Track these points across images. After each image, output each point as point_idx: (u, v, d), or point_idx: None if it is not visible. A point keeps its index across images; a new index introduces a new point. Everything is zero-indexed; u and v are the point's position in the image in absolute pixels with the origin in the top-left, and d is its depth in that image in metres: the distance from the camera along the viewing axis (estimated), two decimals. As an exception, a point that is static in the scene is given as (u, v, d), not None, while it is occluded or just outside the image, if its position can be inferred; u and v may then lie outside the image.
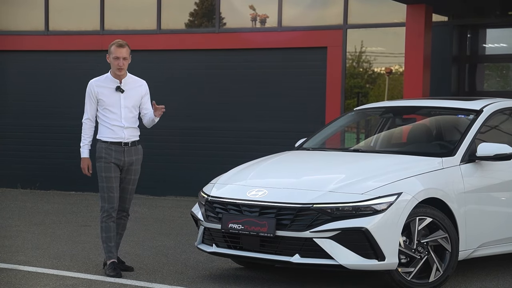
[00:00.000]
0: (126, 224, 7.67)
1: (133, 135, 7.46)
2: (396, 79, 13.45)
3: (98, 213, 11.85)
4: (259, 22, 14.23)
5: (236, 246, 6.95)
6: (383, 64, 13.59)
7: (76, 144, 14.78)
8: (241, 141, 13.86)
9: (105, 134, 7.43)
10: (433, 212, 6.81)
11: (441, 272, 6.84)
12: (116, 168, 7.41)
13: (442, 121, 8.11)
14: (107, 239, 7.40)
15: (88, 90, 7.48)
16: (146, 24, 14.78)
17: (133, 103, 7.42)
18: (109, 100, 7.38)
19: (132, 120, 7.44)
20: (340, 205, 6.55)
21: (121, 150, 7.39)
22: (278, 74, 13.75)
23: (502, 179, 7.45)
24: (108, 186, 7.37)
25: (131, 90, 7.43)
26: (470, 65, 13.07)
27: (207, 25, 14.56)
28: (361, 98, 13.52)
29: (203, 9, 14.76)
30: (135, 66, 14.57)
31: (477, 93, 12.90)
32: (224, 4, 14.27)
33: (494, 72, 13.28)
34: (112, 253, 7.39)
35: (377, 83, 13.70)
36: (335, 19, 13.41)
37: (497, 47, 13.07)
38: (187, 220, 10.93)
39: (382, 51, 13.68)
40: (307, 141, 8.30)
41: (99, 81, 7.47)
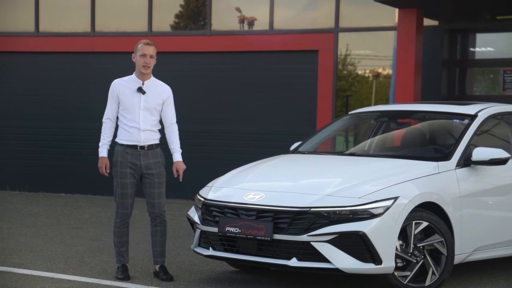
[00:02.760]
0: (165, 230, 7.42)
1: (150, 138, 7.30)
2: (382, 82, 13.50)
3: (89, 215, 12.02)
4: (247, 25, 14.25)
5: (232, 249, 6.96)
6: (370, 67, 13.64)
7: (66, 146, 15.05)
8: (232, 143, 13.87)
9: (122, 136, 7.34)
10: (429, 216, 6.85)
11: (437, 276, 6.88)
12: (133, 173, 7.30)
13: (437, 126, 8.16)
14: (119, 243, 7.37)
15: (111, 89, 7.39)
16: (137, 26, 14.77)
17: (153, 106, 7.27)
18: (129, 101, 7.27)
19: (151, 123, 7.29)
20: (338, 209, 6.58)
21: (137, 154, 7.27)
22: (270, 77, 13.77)
23: (497, 183, 7.51)
24: (122, 192, 7.31)
25: (153, 92, 7.30)
26: (460, 69, 13.15)
27: (194, 27, 14.56)
28: (350, 101, 13.56)
29: (192, 11, 14.76)
30: (125, 67, 14.66)
31: (467, 97, 12.97)
32: (216, 6, 14.27)
33: (483, 76, 13.36)
34: (123, 257, 7.36)
35: (364, 86, 13.75)
36: (326, 23, 13.45)
37: (487, 52, 13.16)
38: (179, 223, 10.93)
39: (369, 54, 13.74)
40: (302, 145, 8.32)
41: (122, 81, 7.39)
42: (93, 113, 14.93)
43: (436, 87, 12.70)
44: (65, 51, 15.10)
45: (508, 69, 12.73)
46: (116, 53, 14.77)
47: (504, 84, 12.77)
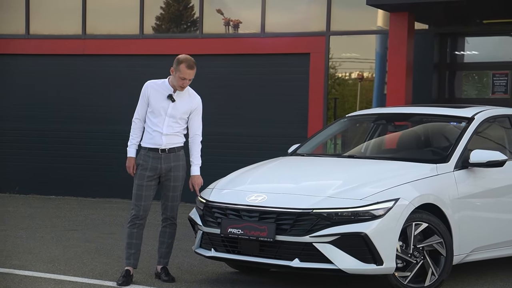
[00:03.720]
0: (173, 232, 7.47)
1: (173, 142, 7.29)
2: (368, 85, 13.62)
3: (83, 217, 12.05)
4: (232, 27, 14.33)
5: (234, 250, 7.04)
6: (358, 69, 13.76)
7: (56, 148, 15.05)
8: (223, 146, 13.92)
9: (145, 139, 7.35)
10: (428, 218, 6.96)
11: (436, 276, 6.98)
12: (151, 177, 7.29)
13: (435, 128, 8.28)
14: (128, 245, 7.35)
15: (143, 90, 7.38)
16: (129, 29, 14.80)
17: (180, 115, 7.27)
18: (157, 105, 7.26)
19: (174, 129, 7.27)
20: (339, 211, 6.67)
21: (159, 157, 7.28)
22: (261, 80, 13.85)
23: (494, 185, 7.62)
24: (137, 194, 7.31)
25: (182, 101, 7.29)
26: (450, 73, 13.30)
27: (186, 30, 14.62)
28: (337, 104, 13.68)
29: (184, 14, 14.81)
30: (118, 70, 14.71)
31: (456, 100, 13.11)
32: (207, 9, 14.33)
33: (473, 79, 13.51)
34: (129, 260, 7.32)
35: (349, 89, 13.86)
36: (317, 26, 13.55)
37: (476, 55, 13.30)
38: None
39: (359, 57, 13.85)
40: (301, 147, 8.41)
41: (155, 84, 7.37)
42: (83, 116, 14.98)
43: (426, 90, 12.83)
44: (56, 53, 15.09)
45: (497, 73, 12.89)
46: (107, 55, 14.81)
47: (494, 87, 12.92)
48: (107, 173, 14.72)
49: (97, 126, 14.85)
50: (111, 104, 14.77)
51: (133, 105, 14.84)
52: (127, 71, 14.72)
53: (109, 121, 14.75)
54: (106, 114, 14.79)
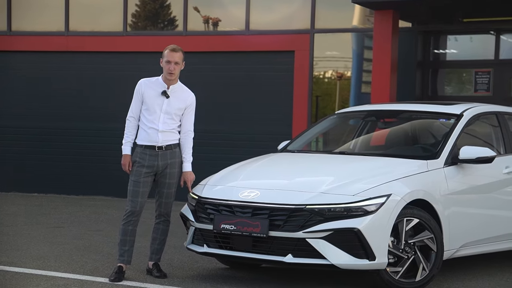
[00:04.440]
0: (166, 229, 7.49)
1: (169, 139, 7.32)
2: (346, 83, 13.70)
3: (67, 215, 12.01)
4: (211, 25, 14.34)
5: (227, 246, 7.07)
6: (339, 68, 13.83)
7: (38, 146, 14.95)
8: (207, 143, 13.93)
9: (141, 137, 7.36)
10: (420, 213, 7.02)
11: (427, 271, 7.05)
12: (148, 173, 7.31)
13: (424, 125, 8.36)
14: (121, 241, 7.35)
15: (136, 88, 7.41)
16: (112, 26, 14.76)
17: (175, 111, 7.30)
18: (152, 102, 7.29)
19: (170, 126, 7.31)
20: (332, 206, 6.71)
21: (155, 154, 7.29)
22: (246, 78, 13.88)
23: (483, 181, 7.72)
24: (133, 190, 7.30)
25: (177, 98, 7.33)
26: (433, 71, 13.41)
27: (170, 27, 14.61)
28: (319, 102, 13.75)
29: (167, 11, 14.81)
30: (101, 68, 14.67)
31: (439, 97, 13.24)
32: (191, 7, 14.34)
33: (456, 77, 13.64)
34: (123, 257, 7.32)
35: (331, 87, 13.93)
36: (302, 24, 13.60)
37: (459, 53, 13.43)
38: (153, 222, 10.96)
39: (337, 55, 13.91)
40: (291, 144, 8.45)
41: (149, 82, 7.40)
42: (66, 113, 14.92)
43: (410, 88, 12.93)
44: (38, 50, 15.01)
45: (479, 71, 13.02)
46: (91, 52, 14.76)
47: (476, 85, 13.05)
48: (90, 171, 14.68)
49: (80, 124, 14.80)
50: (95, 102, 14.73)
51: (117, 102, 14.97)
52: (110, 68, 14.69)
53: (92, 119, 14.71)
54: (90, 111, 14.75)
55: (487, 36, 13.17)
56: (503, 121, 8.31)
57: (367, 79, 13.72)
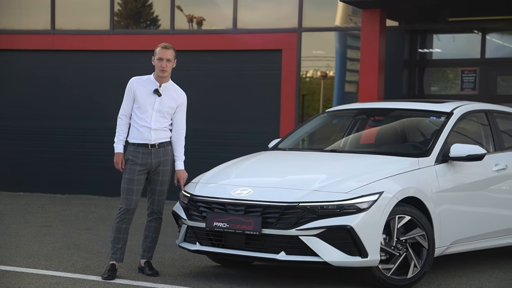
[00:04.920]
0: (158, 227, 7.49)
1: (161, 137, 7.33)
2: (329, 82, 13.76)
3: (55, 214, 11.96)
4: (195, 24, 14.34)
5: (219, 244, 7.07)
6: (325, 67, 13.88)
7: (24, 145, 14.87)
8: (194, 142, 13.91)
9: (133, 135, 7.36)
10: (411, 211, 7.06)
11: (419, 268, 7.08)
12: (142, 171, 7.31)
13: (415, 123, 8.40)
14: (114, 239, 7.34)
15: (128, 86, 7.40)
16: (99, 24, 14.72)
17: (166, 109, 7.30)
18: (144, 101, 7.29)
19: (162, 124, 7.32)
20: (325, 204, 6.74)
21: (149, 152, 7.29)
22: (233, 77, 13.89)
23: (473, 179, 7.77)
24: (128, 187, 7.30)
25: (168, 96, 7.33)
26: (420, 69, 13.48)
27: (157, 26, 14.59)
28: (305, 101, 13.79)
29: (154, 10, 14.79)
30: (88, 66, 14.61)
31: (425, 96, 13.31)
32: (178, 5, 14.33)
33: (442, 76, 13.71)
34: (116, 255, 7.32)
35: (313, 87, 13.98)
36: (289, 22, 13.62)
37: (445, 52, 13.50)
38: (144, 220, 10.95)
39: (323, 54, 13.95)
40: (282, 142, 8.47)
41: (140, 80, 7.40)
42: (52, 112, 14.85)
43: (397, 86, 12.98)
44: (24, 48, 14.94)
45: (466, 69, 13.10)
46: (77, 51, 14.71)
47: (462, 84, 13.14)
48: (77, 170, 14.63)
49: (65, 123, 14.74)
50: (80, 100, 14.68)
51: (104, 101, 14.94)
52: (97, 67, 14.64)
53: (79, 118, 14.66)
54: (76, 110, 14.70)
55: (473, 35, 13.25)
56: (492, 119, 8.37)
57: (350, 79, 13.79)
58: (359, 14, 13.39)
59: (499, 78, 13.01)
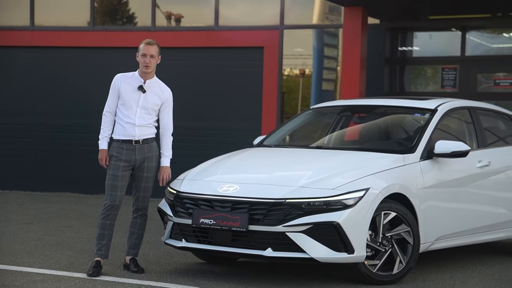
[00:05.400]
0: (144, 223, 7.48)
1: (145, 133, 7.32)
2: (307, 80, 13.79)
3: (35, 211, 11.88)
4: (174, 21, 14.31)
5: (205, 240, 7.06)
6: (302, 65, 13.90)
7: (1, 142, 14.70)
8: (176, 139, 13.84)
9: (117, 132, 7.34)
10: (397, 207, 7.09)
11: (404, 264, 7.12)
12: (126, 167, 7.29)
13: (400, 120, 8.44)
14: (99, 236, 7.32)
15: (113, 83, 7.38)
16: (79, 21, 14.63)
17: (151, 105, 7.30)
18: (128, 97, 7.28)
19: (147, 121, 7.31)
20: (312, 200, 6.75)
21: (133, 148, 7.28)
22: (215, 74, 13.86)
23: (457, 175, 7.81)
24: (113, 184, 7.27)
25: (153, 93, 7.33)
26: (401, 67, 13.54)
27: (138, 23, 14.53)
28: (285, 99, 13.81)
29: (134, 6, 14.73)
30: (68, 63, 14.52)
31: (406, 93, 13.37)
32: (160, 2, 14.28)
33: (423, 73, 13.78)
34: (101, 251, 7.29)
35: (292, 84, 14.00)
36: (271, 20, 13.62)
37: (426, 50, 13.57)
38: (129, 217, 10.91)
39: (302, 52, 13.97)
40: (267, 139, 8.46)
41: (125, 77, 7.39)
42: (31, 109, 14.75)
43: (378, 84, 13.03)
44: (2, 45, 14.81)
45: (446, 67, 13.18)
46: (57, 47, 14.61)
47: (443, 81, 13.22)
48: (56, 167, 14.54)
49: (43, 119, 14.64)
50: (61, 97, 14.59)
51: (84, 98, 14.83)
52: (77, 64, 14.56)
53: (57, 114, 14.57)
54: (54, 107, 14.60)
55: (453, 33, 13.33)
56: (476, 116, 8.42)
57: (328, 77, 13.82)
58: (336, 12, 13.46)
59: (480, 75, 13.10)
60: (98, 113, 7.67)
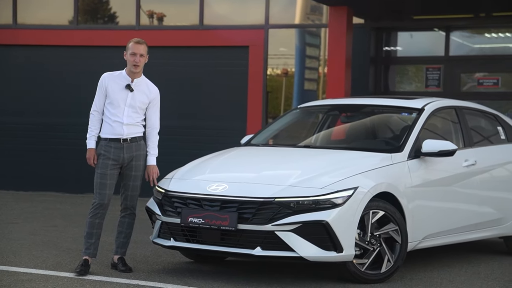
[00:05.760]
0: (132, 222, 7.46)
1: (133, 132, 7.32)
2: (291, 80, 13.82)
3: (19, 211, 11.81)
4: (156, 20, 14.28)
5: (194, 239, 7.05)
6: (286, 64, 13.92)
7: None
8: (161, 138, 13.81)
9: (105, 130, 7.33)
10: (385, 206, 7.11)
11: (392, 263, 7.14)
12: (114, 165, 7.29)
13: (387, 119, 8.46)
14: (87, 234, 7.31)
15: (100, 82, 7.37)
16: (63, 19, 14.56)
17: (139, 104, 7.30)
18: (116, 96, 7.27)
19: (135, 120, 7.31)
20: (301, 199, 6.76)
21: (120, 147, 7.27)
22: (200, 73, 13.84)
23: (444, 174, 7.85)
24: (101, 182, 7.26)
25: (140, 91, 7.33)
26: (386, 66, 13.59)
27: (122, 22, 14.49)
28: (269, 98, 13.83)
29: (118, 5, 14.69)
30: (51, 62, 14.44)
31: (390, 93, 13.42)
32: (143, 1, 14.25)
33: (407, 73, 13.84)
34: (89, 250, 7.28)
35: (276, 84, 14.01)
36: (256, 19, 13.62)
37: (410, 50, 13.63)
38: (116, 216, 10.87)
39: (286, 51, 13.99)
40: (255, 138, 8.47)
41: (112, 75, 7.38)
42: (13, 108, 14.66)
43: (363, 83, 13.07)
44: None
45: (430, 67, 13.25)
46: (40, 46, 14.53)
47: (427, 81, 13.28)
48: (40, 167, 14.46)
49: (27, 119, 14.56)
50: (44, 96, 14.51)
51: (67, 97, 14.74)
52: (61, 62, 14.48)
53: (41, 114, 14.50)
54: (37, 106, 14.52)
55: (437, 33, 13.40)
56: (462, 115, 8.47)
57: (310, 76, 13.85)
58: (317, 12, 13.49)
59: (463, 75, 13.17)
60: (81, 112, 7.67)
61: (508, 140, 8.98)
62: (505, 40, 13.34)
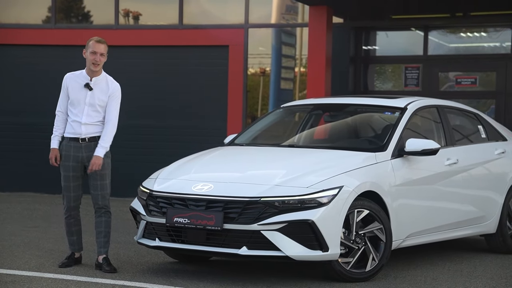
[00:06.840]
0: (109, 220, 7.46)
1: (92, 131, 7.36)
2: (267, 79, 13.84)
3: (1, 211, 11.71)
4: (132, 19, 14.23)
5: (179, 239, 7.04)
6: (265, 64, 13.93)
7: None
8: (143, 138, 13.80)
9: (67, 130, 7.44)
10: (370, 205, 7.14)
11: (377, 261, 7.17)
12: (76, 166, 7.36)
13: (370, 118, 8.50)
14: (69, 233, 7.55)
15: (63, 82, 7.49)
16: (41, 19, 14.46)
17: (99, 102, 7.33)
18: (75, 96, 7.36)
19: (94, 119, 7.35)
20: (287, 198, 6.77)
21: (79, 146, 7.34)
22: (180, 73, 13.81)
23: (427, 173, 7.89)
24: (65, 185, 7.39)
25: (99, 90, 7.35)
26: (365, 66, 13.65)
27: (100, 21, 14.42)
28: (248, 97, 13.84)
29: (95, 4, 14.61)
30: (28, 61, 14.33)
31: (370, 92, 13.47)
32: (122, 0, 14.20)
33: (387, 73, 13.90)
34: (73, 246, 7.49)
35: (254, 83, 14.02)
36: (236, 18, 13.61)
37: (389, 49, 13.68)
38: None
39: (264, 51, 14.00)
40: (238, 137, 8.46)
41: (73, 75, 7.46)
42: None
43: (343, 82, 13.10)
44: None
45: (409, 66, 13.32)
46: (17, 45, 14.41)
47: (406, 80, 13.35)
48: (17, 167, 14.34)
49: (3, 118, 14.43)
50: (20, 96, 14.39)
51: (43, 97, 14.64)
52: (38, 61, 14.38)
53: (18, 113, 14.38)
54: (15, 106, 14.41)
55: (416, 32, 13.47)
56: (444, 114, 8.53)
57: (286, 76, 13.88)
58: (292, 11, 13.52)
59: (442, 74, 13.26)
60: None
61: (488, 139, 9.06)
62: (482, 39, 13.44)
